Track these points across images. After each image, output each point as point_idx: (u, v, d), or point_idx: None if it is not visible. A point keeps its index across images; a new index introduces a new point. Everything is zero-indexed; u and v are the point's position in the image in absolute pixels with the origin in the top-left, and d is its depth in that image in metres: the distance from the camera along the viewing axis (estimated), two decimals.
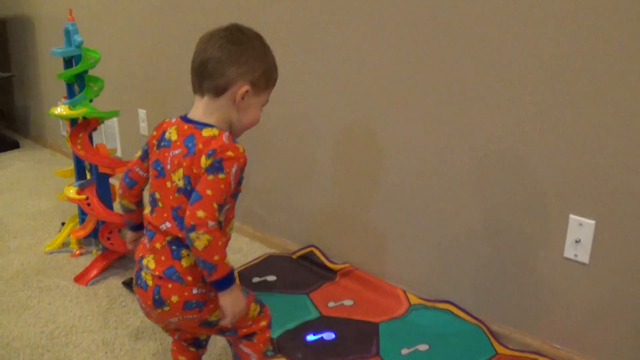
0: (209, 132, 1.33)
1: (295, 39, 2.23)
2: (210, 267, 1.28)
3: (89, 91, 2.29)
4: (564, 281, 1.75)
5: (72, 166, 2.46)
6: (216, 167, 1.29)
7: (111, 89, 2.59)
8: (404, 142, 2.02)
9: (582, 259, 1.70)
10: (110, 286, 2.23)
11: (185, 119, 1.38)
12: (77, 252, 2.46)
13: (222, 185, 1.28)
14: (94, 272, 2.27)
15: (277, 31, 2.27)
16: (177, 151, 1.34)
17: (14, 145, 3.95)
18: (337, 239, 2.32)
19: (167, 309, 1.35)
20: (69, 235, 2.48)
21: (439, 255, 2.03)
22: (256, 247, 2.54)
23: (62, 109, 2.27)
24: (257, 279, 2.23)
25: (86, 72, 2.28)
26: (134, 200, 1.50)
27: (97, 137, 3.17)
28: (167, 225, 1.35)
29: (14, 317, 2.04)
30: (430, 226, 2.02)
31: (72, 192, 2.34)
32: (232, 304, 1.34)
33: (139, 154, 1.46)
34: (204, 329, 1.45)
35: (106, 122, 2.84)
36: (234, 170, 1.30)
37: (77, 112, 2.25)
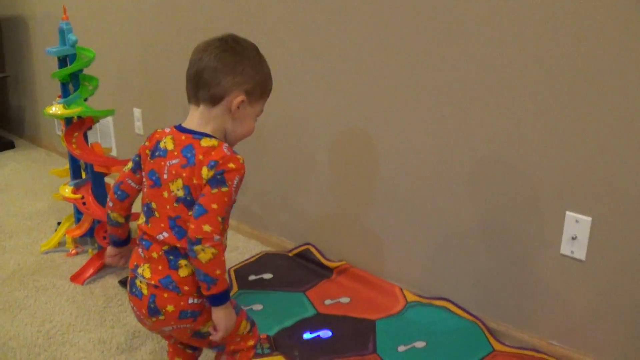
0: (207, 142, 1.33)
1: (293, 40, 2.23)
2: (210, 281, 1.29)
3: (84, 90, 2.29)
4: (560, 278, 1.75)
5: (68, 165, 2.46)
6: (219, 180, 1.29)
7: (106, 88, 2.59)
8: (400, 141, 2.02)
9: (578, 256, 1.70)
10: (106, 285, 2.22)
11: (181, 129, 1.37)
12: (73, 252, 2.45)
13: (226, 198, 1.29)
14: (90, 271, 2.27)
15: (275, 32, 2.27)
16: (175, 161, 1.33)
17: (9, 145, 3.94)
18: (334, 238, 2.32)
19: (162, 317, 1.35)
20: (65, 234, 2.47)
21: (436, 252, 2.03)
22: (253, 246, 2.54)
23: (56, 108, 2.26)
24: (253, 277, 2.23)
25: (81, 71, 2.28)
26: (124, 213, 1.48)
27: (92, 136, 3.17)
28: (164, 235, 1.34)
29: (10, 317, 2.04)
30: (426, 223, 2.02)
31: (67, 191, 2.34)
32: (225, 318, 1.35)
33: (130, 165, 1.44)
34: (195, 339, 1.45)
35: (101, 121, 2.84)
36: (235, 182, 1.31)
37: (72, 111, 2.24)
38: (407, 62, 1.93)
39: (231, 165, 1.30)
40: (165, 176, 1.34)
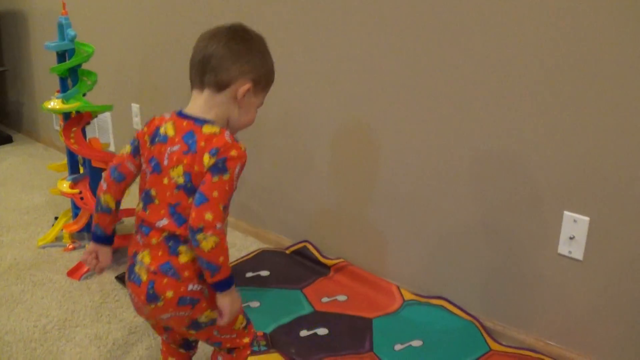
0: (209, 129, 1.31)
1: (292, 35, 2.23)
2: (214, 269, 1.28)
3: (82, 85, 2.28)
4: (557, 278, 1.75)
5: (65, 160, 2.45)
6: (220, 168, 1.28)
7: (105, 83, 2.58)
8: (399, 140, 2.01)
9: (576, 256, 1.70)
10: (103, 281, 2.22)
11: (182, 115, 1.36)
12: (70, 247, 2.45)
13: (227, 186, 1.28)
14: (87, 267, 2.26)
15: (275, 27, 2.26)
16: (176, 147, 1.32)
17: (7, 139, 3.93)
18: (331, 235, 2.32)
19: (160, 304, 1.34)
20: (62, 229, 2.47)
21: (433, 251, 2.03)
22: (250, 243, 2.53)
23: (55, 103, 2.26)
24: (250, 274, 2.23)
25: (79, 66, 2.27)
26: (117, 197, 1.44)
27: (90, 131, 3.16)
28: (164, 222, 1.33)
29: (6, 311, 2.04)
30: (424, 222, 2.02)
31: (65, 186, 2.33)
32: (230, 303, 1.34)
33: (129, 149, 1.42)
34: (192, 331, 1.43)
35: (99, 117, 2.84)
36: (237, 170, 1.30)
37: (71, 106, 2.24)
38: (408, 59, 1.93)
39: (233, 152, 1.29)
40: (165, 162, 1.33)
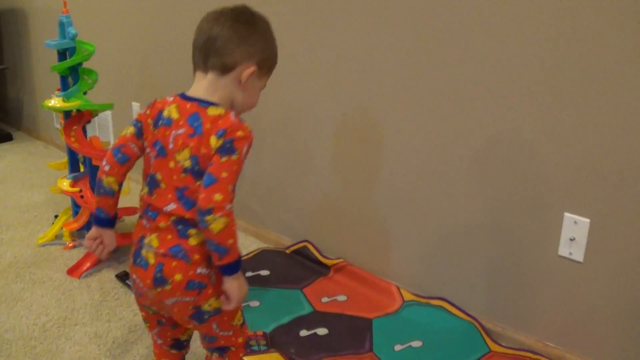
0: (214, 111, 1.30)
1: (292, 34, 2.22)
2: (222, 251, 1.27)
3: (83, 84, 2.28)
4: (558, 279, 1.75)
5: (66, 159, 2.45)
6: (228, 149, 1.27)
7: (105, 82, 2.58)
8: (400, 139, 2.01)
9: (576, 257, 1.70)
10: (103, 279, 2.22)
11: (185, 97, 1.35)
12: (70, 245, 2.45)
13: (235, 166, 1.28)
14: (87, 265, 2.26)
15: (275, 25, 2.25)
16: (181, 130, 1.31)
17: (7, 137, 3.93)
18: (332, 235, 2.32)
19: (168, 287, 1.31)
20: (62, 227, 2.47)
21: (434, 251, 2.03)
22: (250, 242, 2.53)
23: (55, 101, 2.26)
24: (250, 274, 2.22)
25: (80, 64, 2.27)
26: (120, 179, 1.42)
27: (90, 129, 3.16)
28: (171, 206, 1.31)
29: (6, 309, 2.03)
30: (425, 223, 2.02)
31: (65, 184, 2.33)
32: (238, 287, 1.33)
33: (132, 130, 1.39)
34: (194, 321, 1.39)
35: (99, 115, 2.83)
36: (244, 150, 1.29)
37: (71, 105, 2.24)
38: (408, 59, 1.92)
39: (240, 133, 1.28)
40: (170, 146, 1.31)
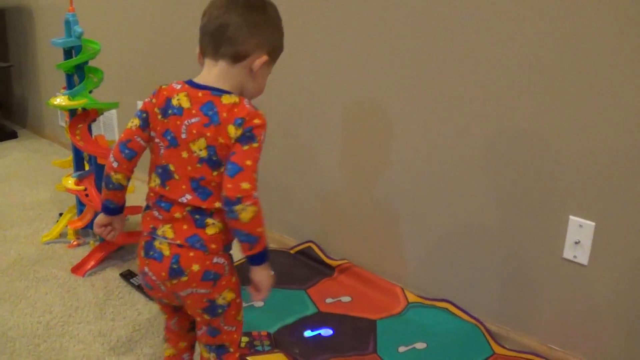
0: (228, 99, 1.29)
1: (292, 32, 2.22)
2: (253, 240, 1.28)
3: (89, 82, 2.29)
4: (562, 282, 1.75)
5: (70, 156, 2.46)
6: (248, 137, 1.27)
7: (110, 81, 2.58)
8: (406, 140, 2.01)
9: (581, 261, 1.70)
10: (107, 278, 2.22)
11: (195, 85, 1.32)
12: (75, 243, 2.45)
13: (257, 154, 1.28)
14: (92, 264, 2.27)
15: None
16: (195, 120, 1.29)
17: (12, 135, 3.94)
18: (336, 236, 2.32)
19: (184, 278, 1.31)
20: (67, 226, 2.47)
21: (438, 253, 2.03)
22: None
23: (61, 100, 2.26)
24: None
25: (86, 63, 2.27)
26: (129, 174, 1.41)
27: (96, 128, 3.16)
28: (187, 197, 1.30)
29: (10, 307, 2.04)
30: (430, 225, 2.02)
31: (70, 182, 2.33)
32: (267, 277, 1.34)
33: (137, 122, 1.35)
34: (206, 314, 1.39)
35: (105, 114, 2.83)
36: (262, 137, 1.30)
37: (77, 103, 2.24)
38: (409, 58, 1.92)
39: (257, 121, 1.28)
40: (183, 136, 1.30)
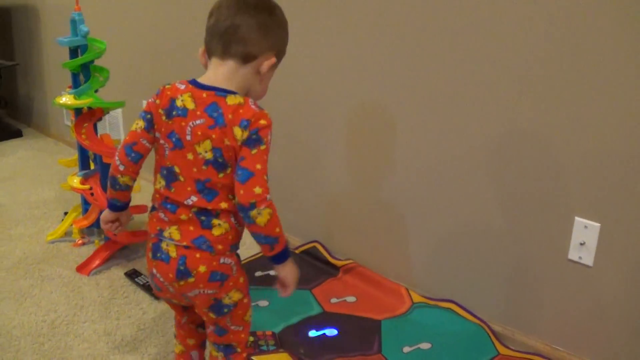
0: (233, 100, 1.28)
1: (294, 31, 2.22)
2: (272, 241, 1.29)
3: (95, 81, 2.29)
4: (567, 283, 1.75)
5: (76, 155, 2.46)
6: (255, 139, 1.27)
7: (116, 80, 2.58)
8: (411, 139, 2.01)
9: (586, 262, 1.70)
10: (112, 277, 2.23)
11: (199, 85, 1.32)
12: (80, 242, 2.45)
13: (265, 156, 1.29)
14: (97, 262, 2.27)
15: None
16: (200, 121, 1.28)
17: (17, 133, 3.94)
18: (341, 236, 2.32)
19: (191, 280, 1.31)
20: (72, 224, 2.47)
21: (443, 254, 2.02)
22: None
23: (67, 99, 2.26)
24: (259, 273, 2.22)
25: (92, 62, 2.28)
26: (135, 176, 1.41)
27: (101, 127, 3.17)
28: (192, 199, 1.31)
29: (15, 306, 2.04)
30: (434, 225, 2.02)
31: (75, 181, 2.34)
32: (291, 272, 1.37)
33: (142, 124, 1.36)
34: (211, 313, 1.39)
35: (110, 113, 2.84)
36: (269, 138, 1.30)
37: (83, 102, 2.24)
38: (416, 58, 1.92)
39: (263, 121, 1.28)
40: (188, 137, 1.29)
